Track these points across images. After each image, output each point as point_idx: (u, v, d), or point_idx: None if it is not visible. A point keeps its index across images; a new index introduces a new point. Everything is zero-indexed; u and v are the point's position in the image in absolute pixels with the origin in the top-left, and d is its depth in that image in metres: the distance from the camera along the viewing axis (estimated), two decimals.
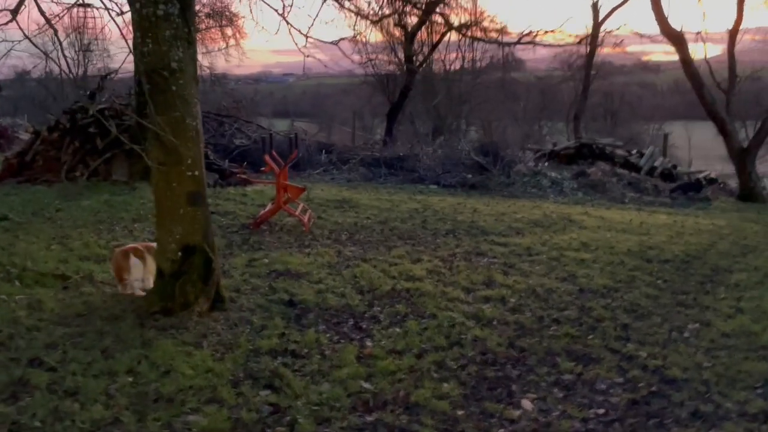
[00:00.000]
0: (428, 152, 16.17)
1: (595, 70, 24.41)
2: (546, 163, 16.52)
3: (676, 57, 14.58)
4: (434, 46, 21.98)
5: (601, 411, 3.69)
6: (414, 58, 21.63)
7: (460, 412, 3.57)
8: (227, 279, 5.57)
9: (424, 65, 22.40)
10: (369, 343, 4.48)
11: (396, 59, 22.98)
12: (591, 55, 22.88)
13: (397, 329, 4.73)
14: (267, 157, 8.26)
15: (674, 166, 18.63)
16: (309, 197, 9.63)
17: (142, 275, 5.07)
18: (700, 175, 18.67)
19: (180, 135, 4.65)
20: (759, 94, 19.96)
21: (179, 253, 4.76)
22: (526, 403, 3.73)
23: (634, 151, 19.67)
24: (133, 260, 4.99)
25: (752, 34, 22.95)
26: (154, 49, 4.55)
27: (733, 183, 17.33)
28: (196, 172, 4.78)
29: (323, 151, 17.15)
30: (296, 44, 6.19)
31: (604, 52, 25.99)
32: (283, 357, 4.17)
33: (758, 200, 14.34)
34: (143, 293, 5.00)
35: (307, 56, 6.22)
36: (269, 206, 8.62)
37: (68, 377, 3.66)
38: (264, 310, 5.02)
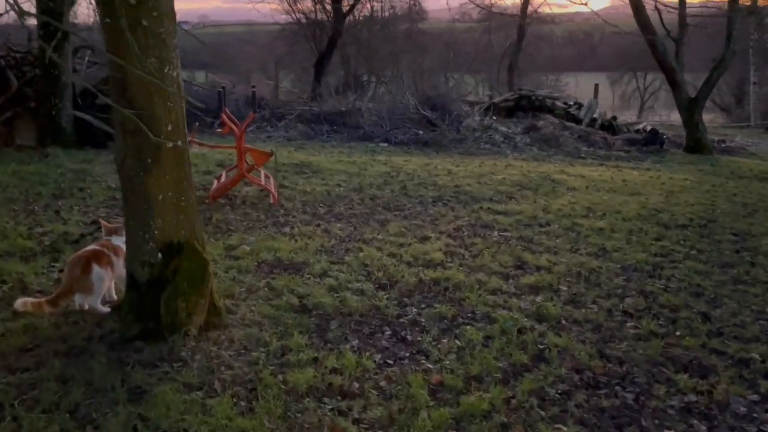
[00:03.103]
0: (370, 108, 14.94)
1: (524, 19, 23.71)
2: (494, 117, 15.71)
3: (571, 9, 13.91)
4: None
5: None
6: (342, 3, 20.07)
7: None
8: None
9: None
10: (428, 364, 3.42)
11: (321, 6, 21.36)
12: (525, 3, 22.11)
13: (456, 341, 3.68)
14: (224, 116, 6.86)
15: (614, 118, 18.38)
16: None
17: (106, 289, 3.73)
18: (639, 126, 18.57)
19: (156, 91, 3.31)
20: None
21: (159, 255, 3.47)
22: None
23: (571, 102, 19.28)
24: (97, 271, 3.62)
25: None
26: None
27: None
28: (179, 143, 3.47)
29: (256, 109, 15.54)
30: None
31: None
32: (330, 398, 3.04)
33: (705, 151, 14.15)
34: (107, 310, 3.67)
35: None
36: (224, 175, 7.26)
37: None
38: (274, 321, 3.83)
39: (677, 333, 3.96)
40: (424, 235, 5.83)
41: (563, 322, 4.02)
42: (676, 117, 28.53)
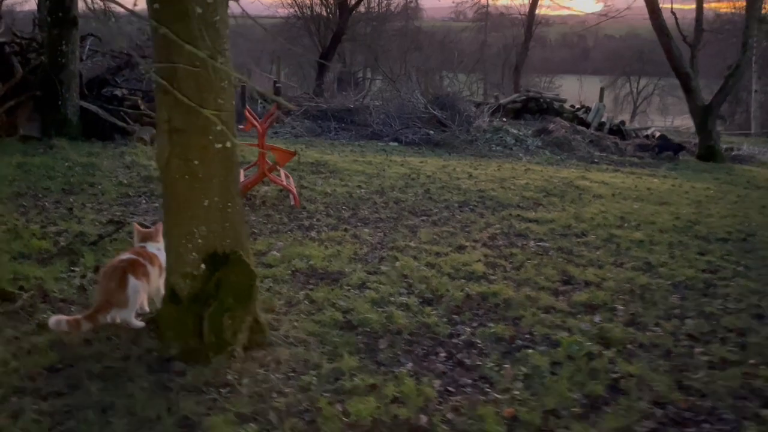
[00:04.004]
0: (377, 106, 14.60)
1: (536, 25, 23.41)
2: (504, 119, 15.44)
3: (564, 12, 13.71)
4: None
5: None
6: None
7: None
8: None
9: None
10: (495, 394, 3.12)
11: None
12: (534, 4, 21.86)
13: (521, 367, 3.39)
14: (247, 112, 6.54)
15: (622, 123, 18.20)
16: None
17: (141, 301, 3.40)
18: (647, 132, 18.37)
19: (207, 86, 2.99)
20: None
21: (203, 266, 3.15)
22: None
23: (577, 106, 19.09)
24: (133, 284, 3.29)
25: None
26: None
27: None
28: (228, 144, 3.15)
29: (259, 101, 15.19)
30: None
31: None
32: None
33: (717, 160, 13.96)
34: (142, 324, 3.34)
35: None
36: (241, 174, 6.91)
37: None
38: (320, 339, 3.52)
39: (751, 361, 3.68)
40: (459, 243, 5.54)
41: (629, 346, 3.73)
42: (677, 122, 28.50)
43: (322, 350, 3.41)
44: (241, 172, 6.99)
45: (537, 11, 23.94)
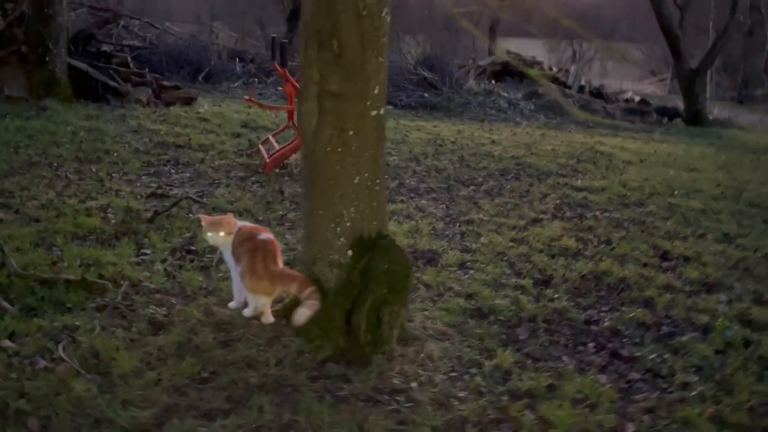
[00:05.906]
0: None
1: None
2: (494, 81, 15.12)
3: None
4: None
5: None
6: None
7: None
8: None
9: None
10: (677, 390, 2.82)
11: None
12: None
13: (691, 357, 3.08)
14: (287, 73, 5.96)
15: (602, 86, 18.16)
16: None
17: None
18: (626, 96, 18.40)
19: (371, 41, 2.51)
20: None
21: (349, 252, 2.71)
22: None
23: (555, 69, 18.95)
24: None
25: None
26: None
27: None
28: (381, 111, 2.69)
29: (237, 60, 14.34)
30: None
31: None
32: None
33: (705, 124, 14.06)
34: (272, 319, 2.87)
35: None
36: (272, 140, 6.38)
37: None
38: (458, 330, 3.14)
39: None
40: (530, 216, 5.21)
41: None
42: (641, 87, 28.75)
43: (468, 344, 3.03)
44: (270, 138, 6.46)
45: None
